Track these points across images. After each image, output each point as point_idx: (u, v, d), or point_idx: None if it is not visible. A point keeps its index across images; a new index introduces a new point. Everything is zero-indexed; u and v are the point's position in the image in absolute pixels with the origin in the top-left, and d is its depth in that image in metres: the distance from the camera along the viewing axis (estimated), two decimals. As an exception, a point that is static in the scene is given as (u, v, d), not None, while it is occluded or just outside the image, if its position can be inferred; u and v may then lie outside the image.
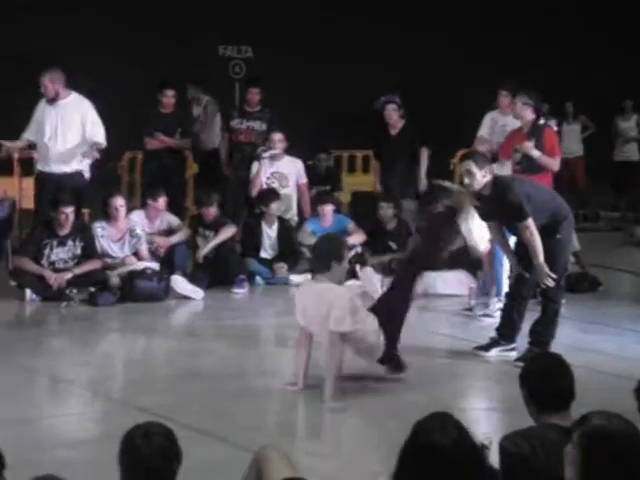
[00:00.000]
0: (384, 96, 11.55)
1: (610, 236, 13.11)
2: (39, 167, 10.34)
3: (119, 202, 10.05)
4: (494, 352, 7.68)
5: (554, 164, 9.11)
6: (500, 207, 7.37)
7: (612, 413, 3.19)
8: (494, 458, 3.74)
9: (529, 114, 9.09)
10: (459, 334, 8.49)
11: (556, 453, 3.57)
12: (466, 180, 7.39)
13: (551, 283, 7.38)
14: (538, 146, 9.00)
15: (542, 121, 9.43)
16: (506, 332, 7.72)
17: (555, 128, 9.77)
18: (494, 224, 7.69)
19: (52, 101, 10.00)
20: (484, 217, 7.78)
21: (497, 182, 7.42)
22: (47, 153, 10.05)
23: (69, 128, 9.97)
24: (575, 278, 9.78)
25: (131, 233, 10.04)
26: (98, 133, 10.01)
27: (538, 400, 3.91)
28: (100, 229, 9.98)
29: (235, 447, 5.54)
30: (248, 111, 11.89)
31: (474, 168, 7.33)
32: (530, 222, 7.28)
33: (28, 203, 11.12)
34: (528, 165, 8.99)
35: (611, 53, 17.22)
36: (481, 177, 7.33)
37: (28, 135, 10.21)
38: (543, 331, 7.59)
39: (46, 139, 10.00)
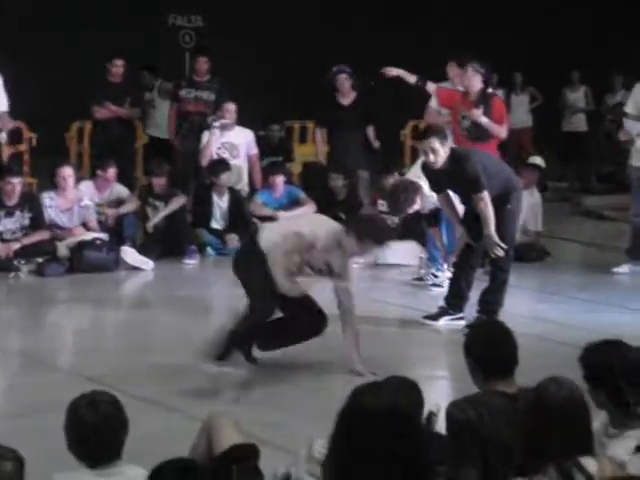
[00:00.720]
0: (336, 66, 11.57)
1: (558, 206, 13.24)
2: None
3: (67, 172, 9.98)
4: (443, 321, 7.77)
5: (502, 132, 9.18)
6: (456, 179, 7.43)
7: (558, 380, 3.27)
8: (442, 425, 3.82)
9: (478, 82, 9.15)
10: (409, 303, 8.56)
11: (502, 419, 3.65)
12: (431, 158, 7.41)
13: (500, 253, 7.46)
14: (486, 114, 9.07)
15: (490, 90, 9.49)
16: (454, 301, 7.80)
17: (502, 97, 9.86)
18: (443, 195, 7.75)
19: None
20: (435, 189, 7.83)
21: (454, 154, 7.47)
22: None
23: None
24: (524, 248, 9.88)
25: (80, 204, 9.99)
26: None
27: (483, 367, 3.97)
28: (49, 199, 9.92)
29: (184, 417, 5.57)
30: (196, 81, 11.82)
31: (438, 145, 7.37)
32: (485, 194, 7.36)
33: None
34: (476, 132, 9.05)
35: (559, 24, 17.32)
36: (444, 153, 7.38)
37: None
38: (492, 300, 7.69)
39: None
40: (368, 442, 3.07)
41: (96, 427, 3.49)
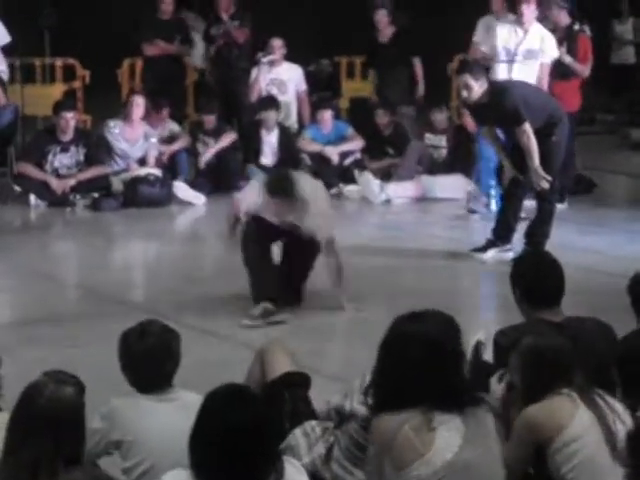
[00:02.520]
0: (375, 1, 11.51)
1: (605, 138, 13.18)
2: None
3: (138, 101, 10.11)
4: (491, 253, 7.85)
5: (585, 70, 9.11)
6: (497, 113, 7.46)
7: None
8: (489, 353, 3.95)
9: (565, 18, 9.04)
10: (456, 236, 8.63)
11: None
12: (464, 93, 7.46)
13: (546, 185, 7.51)
14: (571, 52, 8.99)
15: (577, 26, 9.38)
16: (502, 233, 7.86)
17: (589, 33, 9.67)
18: (489, 128, 7.80)
19: None
20: (479, 122, 7.87)
21: (493, 88, 7.50)
22: None
23: None
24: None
25: (146, 138, 10.12)
26: None
27: (530, 297, 4.05)
28: (115, 127, 10.06)
29: (237, 344, 5.73)
30: (222, 17, 11.67)
31: (471, 80, 7.39)
32: (527, 126, 7.37)
33: (30, 110, 11.21)
34: (559, 70, 8.99)
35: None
36: (478, 88, 7.39)
37: None
38: (539, 232, 7.74)
39: None
40: (410, 370, 3.17)
41: (142, 358, 3.62)
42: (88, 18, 13.07)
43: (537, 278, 4.08)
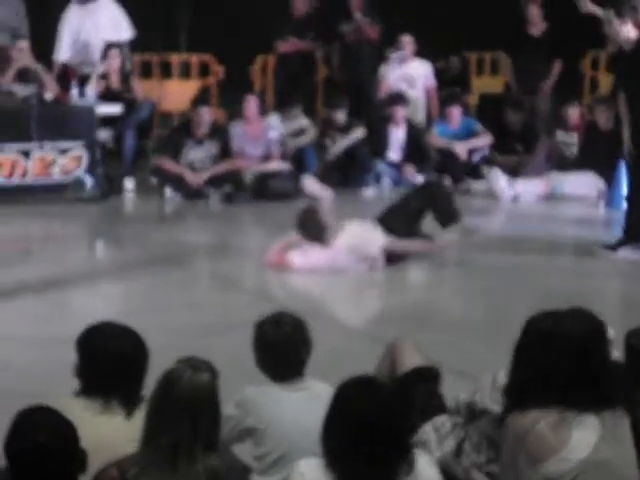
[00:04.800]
0: None
1: None
2: None
3: (252, 102, 10.31)
4: (622, 252, 7.70)
5: None
6: None
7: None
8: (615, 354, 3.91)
9: None
10: (585, 234, 8.53)
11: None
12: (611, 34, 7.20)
13: None
14: None
15: None
16: (632, 232, 7.71)
17: None
18: (623, 95, 7.48)
19: None
20: (620, 80, 7.52)
21: None
22: None
23: None
24: None
25: (267, 135, 10.31)
26: None
27: None
28: (237, 128, 10.28)
29: (368, 338, 5.79)
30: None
31: (613, 18, 7.07)
32: None
33: (167, 105, 11.48)
34: None
35: None
36: (627, 30, 7.03)
37: None
38: None
39: None
40: (550, 367, 3.17)
41: (278, 346, 3.70)
42: (222, 15, 13.29)
43: None
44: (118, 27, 10.65)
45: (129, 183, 10.03)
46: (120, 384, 3.45)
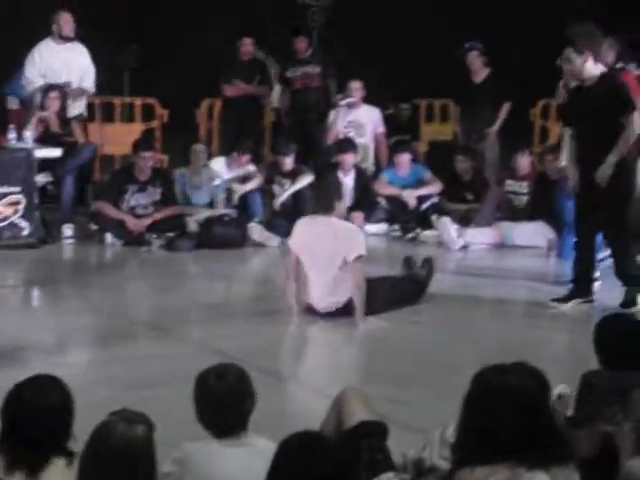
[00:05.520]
0: (467, 43, 11.43)
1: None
2: None
3: (200, 149, 10.17)
4: (571, 304, 7.60)
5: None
6: (608, 97, 7.04)
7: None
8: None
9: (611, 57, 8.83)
10: (535, 285, 8.41)
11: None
12: (566, 68, 7.19)
13: (603, 183, 7.11)
14: None
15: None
16: (581, 284, 7.62)
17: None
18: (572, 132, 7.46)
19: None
20: (572, 117, 7.48)
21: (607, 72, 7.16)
22: None
23: None
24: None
25: (211, 182, 10.14)
26: None
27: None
28: (181, 175, 10.11)
29: (313, 392, 5.62)
30: (299, 58, 11.62)
31: (572, 54, 7.07)
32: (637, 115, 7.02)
33: (109, 148, 11.28)
34: None
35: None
36: (582, 63, 7.04)
37: None
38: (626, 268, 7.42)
39: None
40: (496, 422, 3.06)
41: (222, 398, 3.56)
42: (167, 58, 13.21)
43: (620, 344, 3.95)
44: (85, 76, 10.50)
45: (68, 229, 9.73)
46: (49, 437, 3.30)
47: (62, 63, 10.40)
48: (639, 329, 4.07)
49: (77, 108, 10.50)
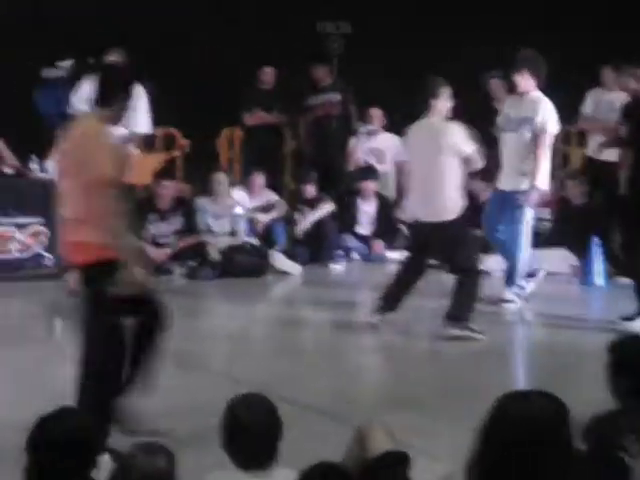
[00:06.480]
0: (489, 72, 11.42)
1: None
2: None
3: (221, 178, 10.19)
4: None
5: None
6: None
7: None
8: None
9: None
10: (566, 312, 8.34)
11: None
12: None
13: None
14: None
15: None
16: None
17: None
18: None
19: None
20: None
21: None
22: None
23: None
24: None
25: (232, 211, 10.16)
26: None
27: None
28: (202, 204, 10.13)
29: (338, 422, 5.57)
30: (321, 86, 11.68)
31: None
32: None
33: (130, 178, 11.26)
34: None
35: None
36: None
37: None
38: None
39: None
40: (513, 451, 2.97)
41: (252, 429, 3.52)
42: (188, 89, 13.26)
43: None
44: None
45: (90, 260, 9.73)
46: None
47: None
48: None
49: None
